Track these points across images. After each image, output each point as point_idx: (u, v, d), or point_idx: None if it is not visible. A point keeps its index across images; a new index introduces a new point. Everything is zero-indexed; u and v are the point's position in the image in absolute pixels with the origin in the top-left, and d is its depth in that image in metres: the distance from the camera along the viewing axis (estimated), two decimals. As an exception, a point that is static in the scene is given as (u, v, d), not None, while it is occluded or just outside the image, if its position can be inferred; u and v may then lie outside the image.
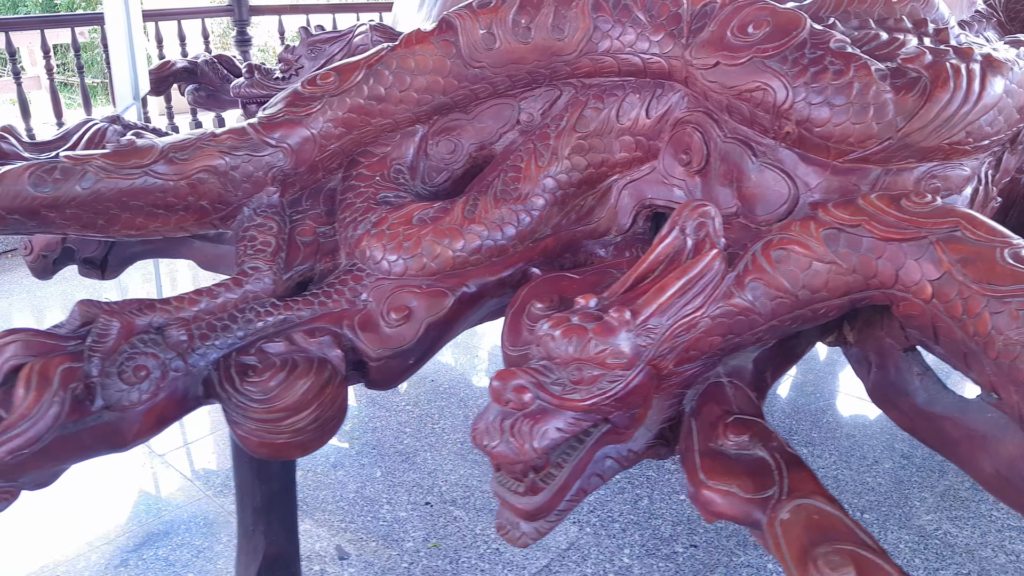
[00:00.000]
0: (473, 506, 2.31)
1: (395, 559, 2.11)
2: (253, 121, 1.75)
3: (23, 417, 1.22)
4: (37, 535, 2.22)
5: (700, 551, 2.12)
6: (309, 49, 2.59)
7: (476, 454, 2.55)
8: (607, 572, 2.05)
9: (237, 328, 1.55)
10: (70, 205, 1.57)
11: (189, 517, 2.29)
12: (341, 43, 2.54)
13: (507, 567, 2.08)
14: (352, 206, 1.76)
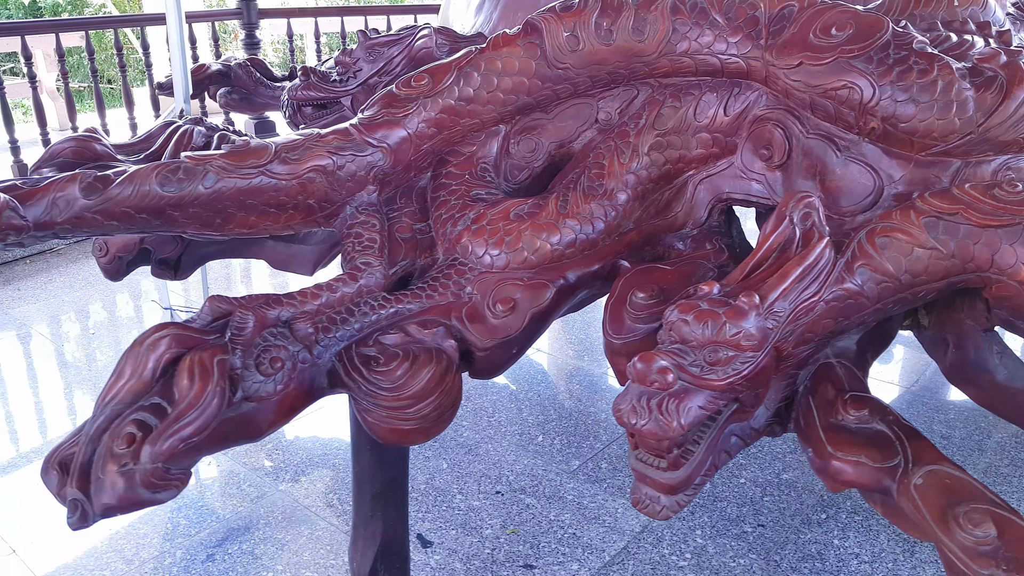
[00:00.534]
0: (543, 494, 2.38)
1: (476, 545, 2.18)
2: (354, 122, 1.82)
3: (191, 407, 1.28)
4: (117, 534, 2.25)
5: (768, 530, 2.20)
6: (367, 52, 2.64)
7: (536, 445, 2.63)
8: (683, 552, 2.13)
9: (355, 321, 1.62)
10: (193, 204, 1.63)
11: (265, 511, 2.34)
12: (400, 46, 2.59)
13: (586, 550, 2.15)
14: (447, 203, 1.84)
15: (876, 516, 2.23)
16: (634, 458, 1.37)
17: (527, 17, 1.81)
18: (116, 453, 1.25)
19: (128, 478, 1.23)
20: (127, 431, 1.27)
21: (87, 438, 1.29)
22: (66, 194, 1.48)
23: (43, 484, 1.40)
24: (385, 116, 1.80)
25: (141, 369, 1.30)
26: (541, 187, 1.95)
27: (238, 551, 2.19)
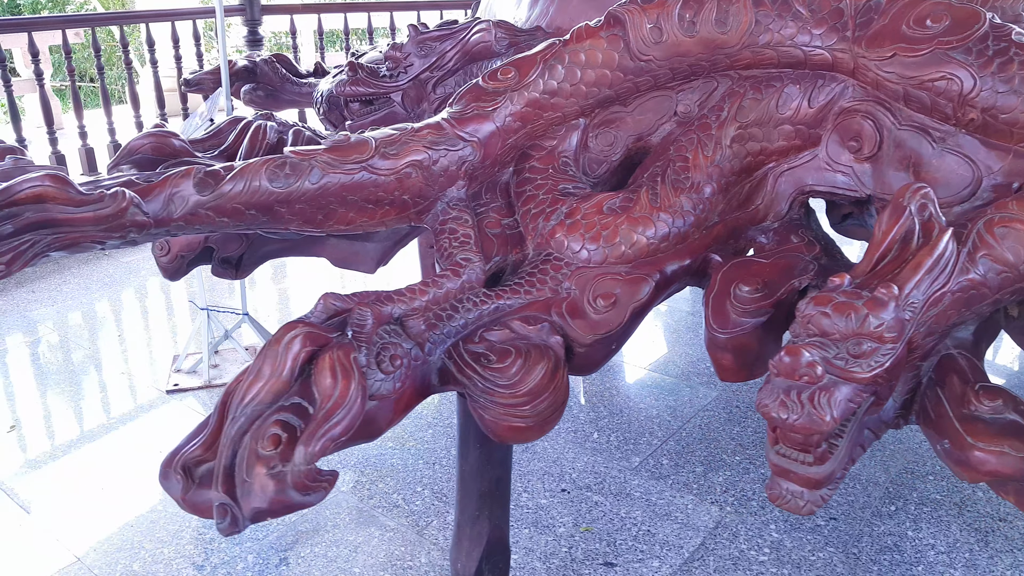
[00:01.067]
0: (609, 491, 2.37)
1: (552, 544, 2.16)
2: (445, 116, 1.79)
3: (338, 406, 1.25)
4: (183, 539, 2.20)
5: (840, 523, 2.21)
6: (419, 47, 2.60)
7: (592, 442, 2.61)
8: (761, 547, 2.13)
9: (459, 317, 1.60)
10: (300, 200, 1.60)
11: (332, 514, 2.30)
12: (453, 41, 2.56)
13: (664, 547, 2.14)
14: (534, 198, 1.82)
15: (945, 507, 2.25)
16: (775, 453, 1.36)
17: (609, 9, 1.80)
18: (263, 455, 1.22)
19: (279, 480, 1.20)
20: (272, 432, 1.23)
21: (228, 440, 1.25)
22: (181, 190, 1.44)
23: (163, 490, 1.36)
24: (475, 110, 1.78)
25: (280, 369, 1.27)
26: (619, 180, 1.94)
27: (311, 554, 2.14)
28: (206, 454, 1.39)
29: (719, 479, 2.42)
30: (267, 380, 1.26)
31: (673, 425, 2.71)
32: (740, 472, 2.45)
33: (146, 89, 7.03)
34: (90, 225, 1.30)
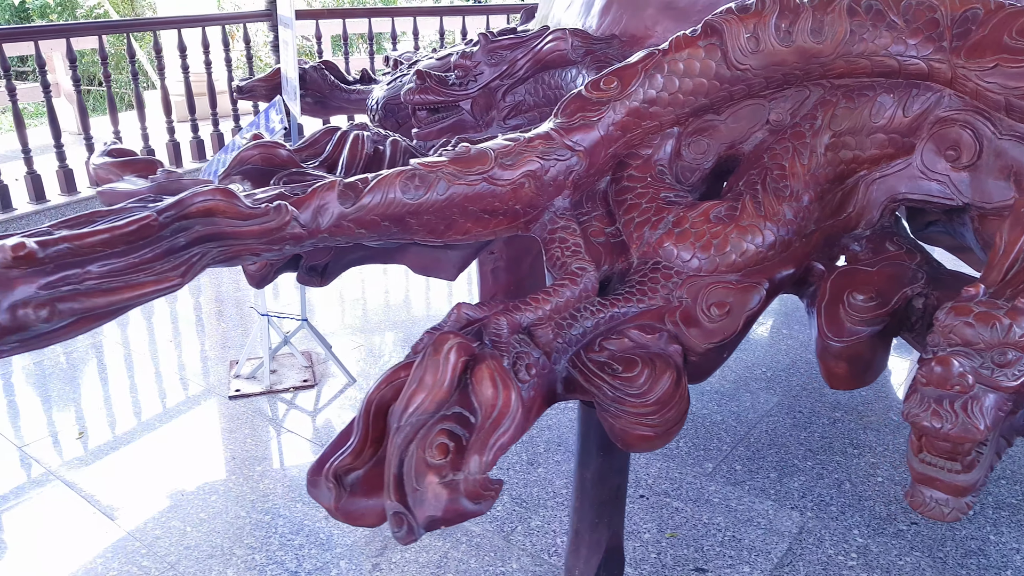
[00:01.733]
0: (687, 496, 2.39)
1: (640, 550, 2.18)
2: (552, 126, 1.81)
3: (504, 415, 1.26)
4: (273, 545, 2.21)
5: (922, 527, 2.24)
6: (489, 55, 2.62)
7: (665, 448, 2.63)
8: (848, 552, 2.16)
9: (578, 326, 1.63)
10: (429, 211, 1.62)
11: (415, 521, 2.31)
12: (524, 49, 2.58)
13: (751, 552, 2.16)
14: (637, 207, 1.84)
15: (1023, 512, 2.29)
16: (919, 461, 1.38)
17: (706, 19, 1.82)
18: (433, 464, 1.23)
19: (452, 489, 1.22)
20: (439, 441, 1.25)
21: (395, 449, 1.27)
22: (327, 202, 1.45)
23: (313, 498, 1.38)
24: (581, 120, 1.80)
25: (442, 379, 1.28)
26: (710, 189, 1.96)
27: (402, 560, 2.16)
28: (355, 463, 1.40)
29: (795, 484, 2.45)
30: (430, 390, 1.28)
31: (740, 431, 2.73)
32: (814, 477, 2.48)
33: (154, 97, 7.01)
34: (254, 238, 1.32)
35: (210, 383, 3.16)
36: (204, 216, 1.25)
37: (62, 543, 2.25)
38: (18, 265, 1.06)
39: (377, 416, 1.45)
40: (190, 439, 2.76)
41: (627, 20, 2.60)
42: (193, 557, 2.18)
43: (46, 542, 2.26)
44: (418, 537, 1.23)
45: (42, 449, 2.71)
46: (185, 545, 2.23)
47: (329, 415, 2.93)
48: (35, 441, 2.77)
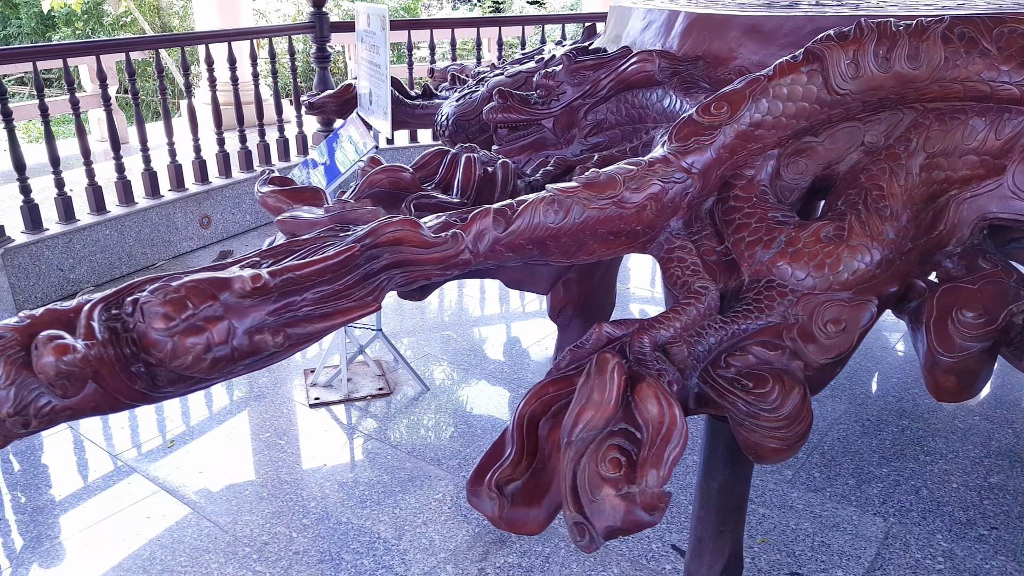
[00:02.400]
0: (772, 503, 2.48)
1: (734, 555, 2.26)
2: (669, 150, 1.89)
3: (672, 430, 1.35)
4: (379, 549, 2.29)
5: (1002, 532, 2.32)
6: (572, 75, 2.70)
7: (742, 455, 2.71)
8: (935, 557, 2.24)
9: (703, 343, 1.71)
10: (566, 235, 1.71)
11: (511, 527, 2.39)
12: (607, 70, 2.66)
13: (842, 557, 2.25)
14: (747, 226, 1.93)
15: (1099, 517, 2.37)
16: None
17: (807, 46, 1.91)
18: (609, 477, 1.32)
19: (628, 501, 1.30)
20: (612, 456, 1.34)
21: (568, 463, 1.35)
22: (484, 228, 1.54)
23: (474, 508, 1.46)
24: (696, 144, 1.89)
25: (609, 397, 1.37)
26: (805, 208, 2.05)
27: (505, 564, 2.24)
28: (514, 474, 1.49)
29: (873, 491, 2.53)
30: (598, 408, 1.36)
31: (813, 438, 2.82)
32: (891, 484, 2.56)
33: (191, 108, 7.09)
34: (432, 265, 1.40)
35: (287, 392, 3.24)
36: (393, 245, 1.34)
37: (175, 550, 2.34)
38: (252, 295, 1.15)
39: (530, 429, 1.54)
40: (278, 446, 2.85)
41: (710, 42, 2.68)
42: (304, 562, 2.27)
43: (160, 549, 2.34)
44: (599, 546, 1.31)
45: (137, 457, 2.80)
46: (294, 550, 2.32)
47: (407, 422, 3.01)
48: (126, 450, 2.85)
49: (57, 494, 2.61)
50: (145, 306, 1.06)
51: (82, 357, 1.02)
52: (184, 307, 1.07)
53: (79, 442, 2.91)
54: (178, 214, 4.76)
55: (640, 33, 2.96)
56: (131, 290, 1.14)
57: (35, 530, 2.43)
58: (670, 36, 2.84)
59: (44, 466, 2.77)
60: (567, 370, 1.62)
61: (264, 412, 3.11)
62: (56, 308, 1.09)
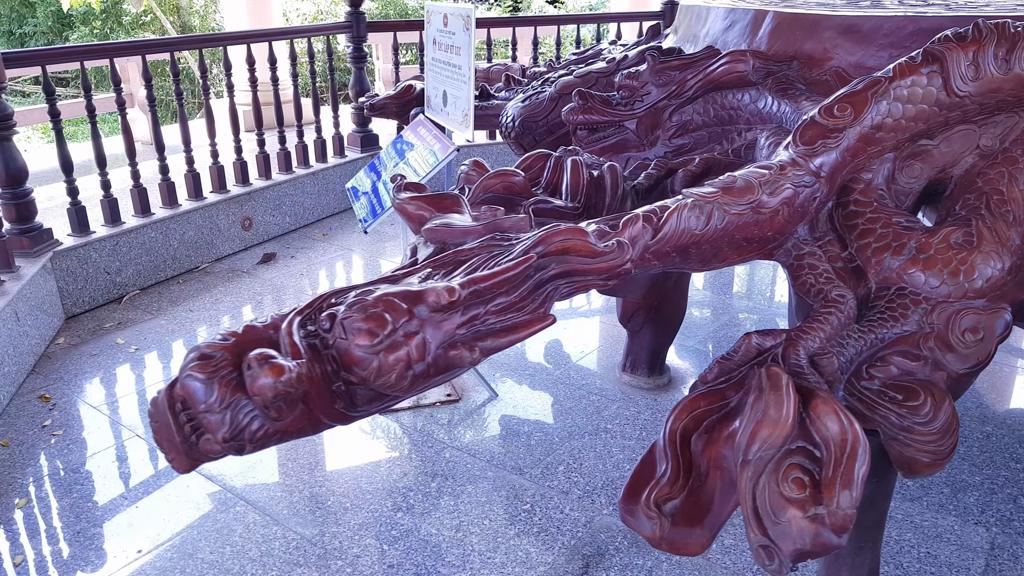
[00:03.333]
0: (869, 513, 2.42)
1: (840, 568, 2.20)
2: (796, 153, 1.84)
3: (857, 448, 1.29)
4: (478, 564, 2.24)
5: (1111, 544, 2.27)
6: (656, 76, 2.65)
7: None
8: (1047, 568, 2.19)
9: (845, 352, 1.66)
10: (707, 241, 1.66)
11: (609, 537, 2.34)
12: (694, 70, 2.60)
13: (950, 568, 2.20)
14: (872, 232, 1.88)
15: None
16: None
17: (925, 47, 1.86)
18: (793, 498, 1.27)
19: (817, 522, 1.25)
20: (794, 476, 1.28)
21: (748, 484, 1.30)
22: (636, 235, 1.48)
23: (629, 527, 1.41)
24: (822, 146, 1.84)
25: (787, 414, 1.32)
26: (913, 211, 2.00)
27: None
28: (672, 491, 1.44)
29: (971, 499, 2.48)
30: (776, 425, 1.31)
31: (899, 445, 2.76)
32: (987, 492, 2.51)
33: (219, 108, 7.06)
34: (596, 275, 1.35)
35: (353, 398, 3.18)
36: (561, 254, 1.29)
37: (264, 564, 2.28)
38: (446, 309, 1.09)
39: (683, 445, 1.49)
40: (352, 455, 2.79)
41: (802, 42, 2.62)
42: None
43: (249, 563, 2.28)
44: (787, 571, 1.26)
45: (210, 467, 2.74)
46: (388, 564, 2.26)
47: (480, 430, 2.95)
48: (199, 457, 2.80)
49: (134, 505, 2.55)
50: (346, 322, 1.00)
51: (296, 377, 0.96)
52: (385, 323, 1.01)
53: (152, 452, 2.85)
54: (220, 216, 4.70)
55: (723, 33, 2.90)
56: (321, 304, 1.08)
57: (114, 543, 2.38)
58: (757, 36, 2.77)
59: (116, 476, 2.71)
60: (716, 383, 1.57)
61: (333, 419, 3.04)
62: (254, 326, 1.03)
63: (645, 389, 3.21)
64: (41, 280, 3.71)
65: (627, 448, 2.80)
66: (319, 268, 4.61)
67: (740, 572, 2.21)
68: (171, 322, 3.91)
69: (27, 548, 2.36)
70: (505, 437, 2.89)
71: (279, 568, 2.25)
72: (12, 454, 2.83)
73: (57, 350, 3.63)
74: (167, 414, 0.96)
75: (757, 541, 1.27)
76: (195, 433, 0.96)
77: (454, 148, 2.70)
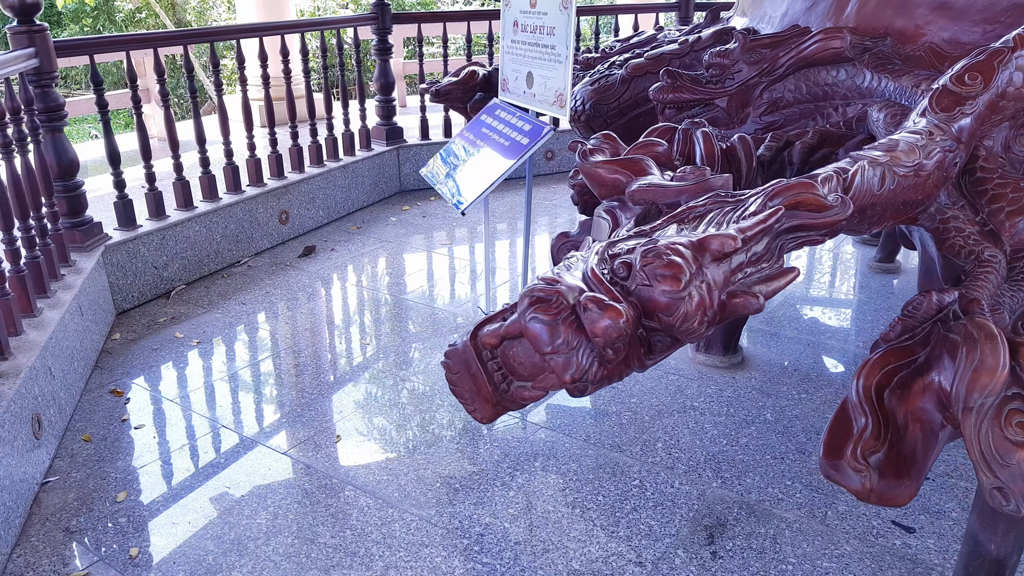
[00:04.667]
0: (973, 478, 2.47)
1: (959, 530, 2.25)
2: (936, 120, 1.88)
3: None
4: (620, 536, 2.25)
5: None
6: (748, 54, 2.68)
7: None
8: None
9: (1002, 310, 1.69)
10: (881, 202, 1.69)
11: (736, 507, 2.36)
12: (786, 47, 2.64)
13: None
14: (1003, 196, 1.93)
15: None
16: None
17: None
18: (1020, 441, 1.29)
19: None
20: (1018, 420, 1.31)
21: (973, 429, 1.32)
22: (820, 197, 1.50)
23: (835, 482, 1.43)
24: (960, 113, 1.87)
25: (1004, 361, 1.34)
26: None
27: (734, 547, 2.21)
28: (877, 444, 1.46)
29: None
30: (994, 372, 1.33)
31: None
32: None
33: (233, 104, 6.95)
34: (820, 230, 1.37)
35: (436, 384, 3.18)
36: (794, 208, 1.30)
37: (390, 545, 2.27)
38: (727, 256, 1.10)
39: (878, 400, 1.51)
40: (446, 437, 2.79)
41: (892, 19, 2.66)
42: (530, 552, 2.21)
43: (374, 545, 2.27)
44: (1021, 510, 1.29)
45: (309, 454, 2.72)
46: (514, 540, 2.26)
47: (568, 409, 2.96)
48: (296, 445, 2.78)
49: (235, 495, 2.53)
50: (647, 269, 1.00)
51: (628, 319, 0.96)
52: (682, 269, 1.02)
53: (247, 442, 2.82)
54: (260, 210, 4.65)
55: (804, 13, 2.94)
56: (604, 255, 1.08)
57: (227, 533, 2.35)
58: (844, 14, 2.81)
59: (210, 467, 2.68)
60: (900, 340, 1.59)
61: (424, 404, 3.04)
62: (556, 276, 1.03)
63: (721, 368, 3.24)
64: (97, 275, 3.65)
65: (719, 424, 2.83)
66: (361, 259, 4.59)
67: (863, 536, 2.25)
68: (226, 315, 3.87)
69: (138, 540, 2.33)
70: (596, 417, 2.90)
71: (406, 549, 2.24)
72: (98, 449, 2.78)
73: (115, 345, 3.57)
74: (472, 363, 0.96)
75: (990, 483, 1.29)
76: (505, 381, 0.96)
77: (550, 127, 2.71)
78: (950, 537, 2.24)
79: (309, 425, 2.91)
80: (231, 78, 9.99)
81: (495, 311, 1.14)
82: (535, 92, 2.88)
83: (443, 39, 5.86)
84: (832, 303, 3.96)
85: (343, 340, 3.67)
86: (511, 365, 0.97)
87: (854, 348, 3.43)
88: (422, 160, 5.84)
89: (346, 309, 4.03)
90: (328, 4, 11.28)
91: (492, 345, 0.98)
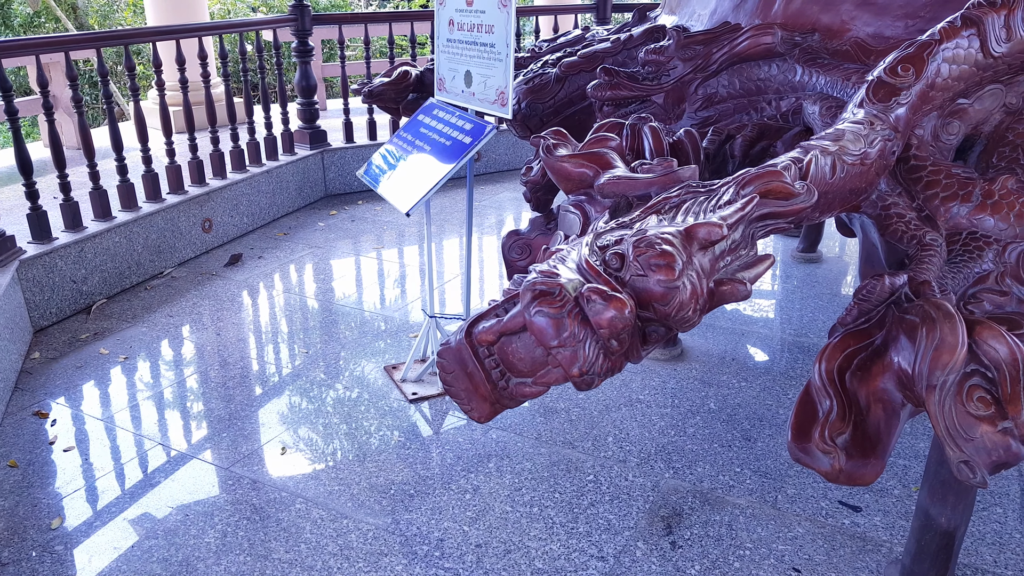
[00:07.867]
0: (910, 455, 2.57)
1: (902, 506, 2.34)
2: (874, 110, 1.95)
3: None
4: (566, 538, 2.25)
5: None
6: (682, 50, 2.72)
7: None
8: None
9: (946, 290, 1.77)
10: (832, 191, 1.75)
11: (690, 496, 2.39)
12: (718, 44, 2.69)
13: None
14: (937, 183, 2.03)
15: None
16: None
17: (963, 12, 2.01)
18: (982, 415, 1.35)
19: (1008, 435, 1.33)
20: (979, 395, 1.36)
21: (936, 406, 1.37)
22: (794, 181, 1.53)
23: (803, 464, 1.47)
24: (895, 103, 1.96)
25: (962, 339, 1.40)
26: None
27: (692, 535, 2.24)
28: (843, 426, 1.50)
29: None
30: (954, 350, 1.38)
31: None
32: None
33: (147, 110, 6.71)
34: (787, 218, 1.39)
35: (380, 389, 3.12)
36: (764, 196, 1.32)
37: (348, 557, 2.21)
38: (713, 244, 1.10)
39: (840, 382, 1.55)
40: (399, 443, 2.74)
41: (819, 14, 2.75)
42: (492, 554, 2.19)
43: (331, 558, 2.21)
44: (987, 484, 1.34)
45: (254, 468, 2.63)
46: (475, 543, 2.24)
47: (518, 410, 2.95)
48: (238, 461, 2.68)
49: (178, 514, 2.42)
50: (641, 259, 1.00)
51: (631, 309, 0.95)
52: (675, 258, 1.02)
53: (187, 459, 2.71)
54: (181, 218, 4.48)
55: (733, 11, 3.00)
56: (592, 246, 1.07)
57: (171, 555, 2.25)
58: (772, 11, 2.88)
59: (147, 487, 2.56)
60: (857, 324, 1.64)
61: (368, 411, 2.97)
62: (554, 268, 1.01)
63: (662, 360, 3.28)
64: (11, 292, 3.44)
65: (666, 416, 2.87)
66: (289, 266, 4.47)
67: (813, 517, 2.31)
68: (152, 329, 3.71)
69: (78, 569, 2.20)
70: (545, 415, 2.90)
71: (364, 559, 2.19)
72: (26, 474, 2.62)
73: (35, 365, 3.38)
74: (469, 361, 0.93)
75: (957, 458, 1.34)
76: (503, 378, 0.94)
77: (493, 126, 2.69)
78: (895, 514, 2.33)
79: (251, 439, 2.81)
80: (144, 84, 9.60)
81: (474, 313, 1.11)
82: (474, 91, 2.85)
83: (365, 41, 5.78)
84: (760, 294, 4.07)
85: (277, 350, 3.56)
86: (510, 361, 0.95)
87: (786, 336, 3.53)
88: (347, 163, 5.74)
89: (277, 318, 3.92)
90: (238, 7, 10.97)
91: (489, 342, 0.96)
